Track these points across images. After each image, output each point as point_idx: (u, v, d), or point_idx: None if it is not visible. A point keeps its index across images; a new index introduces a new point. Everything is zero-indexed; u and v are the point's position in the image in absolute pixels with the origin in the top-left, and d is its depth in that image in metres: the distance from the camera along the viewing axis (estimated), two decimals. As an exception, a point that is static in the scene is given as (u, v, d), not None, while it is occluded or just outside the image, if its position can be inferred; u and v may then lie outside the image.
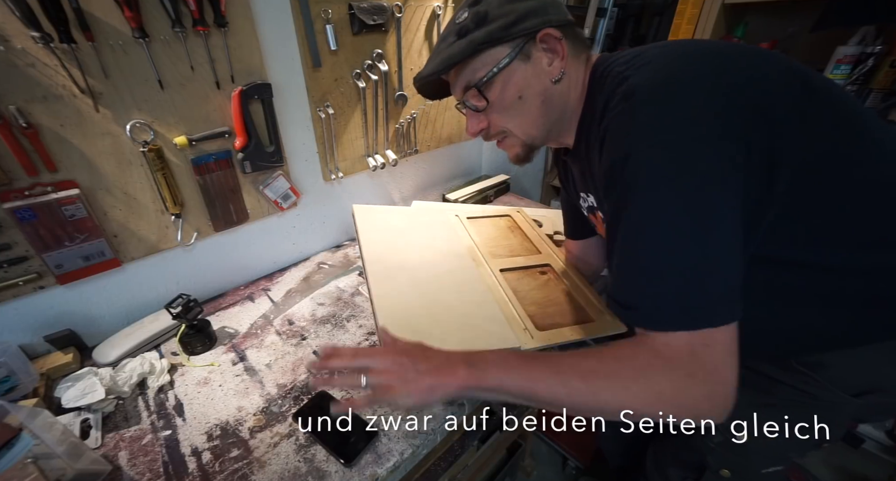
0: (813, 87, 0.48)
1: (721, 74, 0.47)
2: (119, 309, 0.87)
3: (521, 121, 0.62)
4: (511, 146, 0.67)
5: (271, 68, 0.88)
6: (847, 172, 0.48)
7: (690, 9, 1.11)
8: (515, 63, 0.57)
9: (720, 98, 0.45)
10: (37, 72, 0.65)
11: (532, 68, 0.57)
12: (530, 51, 0.57)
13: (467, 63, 0.58)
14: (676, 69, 0.47)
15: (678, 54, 0.50)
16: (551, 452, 1.43)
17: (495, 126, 0.64)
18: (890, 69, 0.95)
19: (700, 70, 0.47)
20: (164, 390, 0.75)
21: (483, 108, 0.61)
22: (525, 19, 0.55)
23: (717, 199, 0.44)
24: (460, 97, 0.63)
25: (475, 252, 0.92)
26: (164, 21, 0.72)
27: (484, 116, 0.63)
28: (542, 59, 0.57)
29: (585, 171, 0.65)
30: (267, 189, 0.98)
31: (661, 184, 0.45)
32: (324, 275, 1.07)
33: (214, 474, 0.61)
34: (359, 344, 0.83)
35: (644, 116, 0.46)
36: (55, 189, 0.71)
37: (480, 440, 1.06)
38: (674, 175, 0.44)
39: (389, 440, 0.64)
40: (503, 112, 0.61)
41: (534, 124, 0.62)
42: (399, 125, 1.17)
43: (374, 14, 0.96)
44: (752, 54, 0.50)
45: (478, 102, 0.61)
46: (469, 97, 0.62)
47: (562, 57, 0.57)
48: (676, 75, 0.47)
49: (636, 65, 0.50)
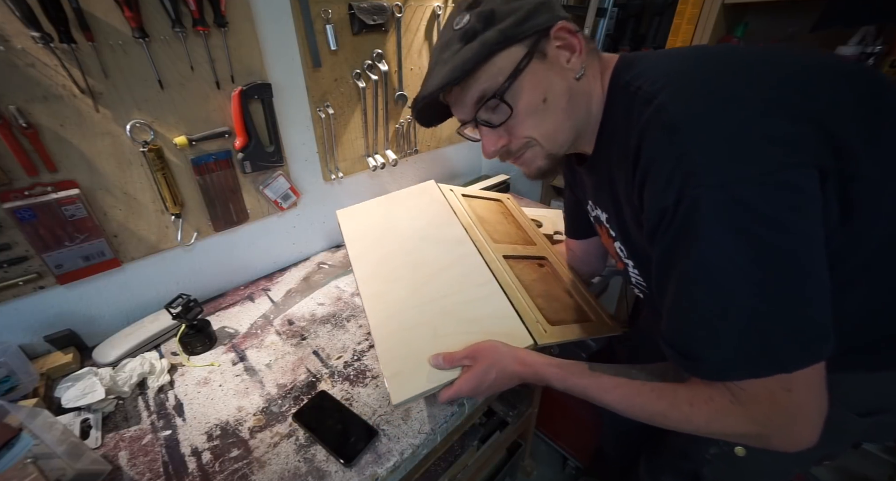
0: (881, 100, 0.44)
1: (764, 85, 0.43)
2: (119, 309, 0.87)
3: (547, 127, 0.55)
4: (533, 159, 0.59)
5: (271, 68, 0.88)
6: None
7: (690, 9, 1.11)
8: (534, 63, 0.51)
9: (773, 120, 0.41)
10: (37, 72, 0.65)
11: (552, 67, 0.52)
12: (546, 48, 0.52)
13: (479, 70, 0.52)
14: (712, 85, 0.44)
15: (705, 62, 0.46)
16: (551, 452, 1.43)
17: (518, 138, 0.56)
18: (890, 69, 0.95)
19: (742, 84, 0.43)
20: (164, 390, 0.75)
21: (500, 123, 0.55)
22: (537, 14, 0.51)
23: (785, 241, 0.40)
24: (471, 113, 0.56)
25: (476, 233, 0.82)
26: (164, 21, 0.72)
27: (503, 130, 0.56)
28: (560, 56, 0.52)
29: (602, 187, 0.61)
30: (267, 189, 0.98)
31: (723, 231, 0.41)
32: (324, 275, 1.07)
33: (214, 474, 0.61)
34: (358, 343, 0.83)
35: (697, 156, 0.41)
36: (55, 189, 0.71)
37: (480, 440, 1.07)
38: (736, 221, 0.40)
39: (389, 440, 0.64)
40: (527, 119, 0.54)
41: (561, 129, 0.56)
42: (399, 125, 1.17)
43: (374, 14, 0.96)
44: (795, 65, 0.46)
45: (495, 115, 0.55)
46: (484, 112, 0.55)
47: (579, 52, 0.52)
48: (716, 95, 0.43)
49: (663, 82, 0.46)
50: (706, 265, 0.43)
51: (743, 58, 0.48)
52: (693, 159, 0.41)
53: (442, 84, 0.52)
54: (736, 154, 0.40)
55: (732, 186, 0.40)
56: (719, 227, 0.41)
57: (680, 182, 0.42)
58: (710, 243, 0.42)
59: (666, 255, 0.46)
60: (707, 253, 0.42)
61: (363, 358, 0.80)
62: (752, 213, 0.40)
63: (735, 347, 0.43)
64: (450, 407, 0.69)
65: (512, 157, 0.60)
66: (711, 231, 0.41)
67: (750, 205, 0.40)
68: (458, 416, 0.71)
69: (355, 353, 0.81)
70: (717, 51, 0.49)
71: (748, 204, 0.40)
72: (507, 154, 0.60)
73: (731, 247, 0.41)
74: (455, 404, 0.70)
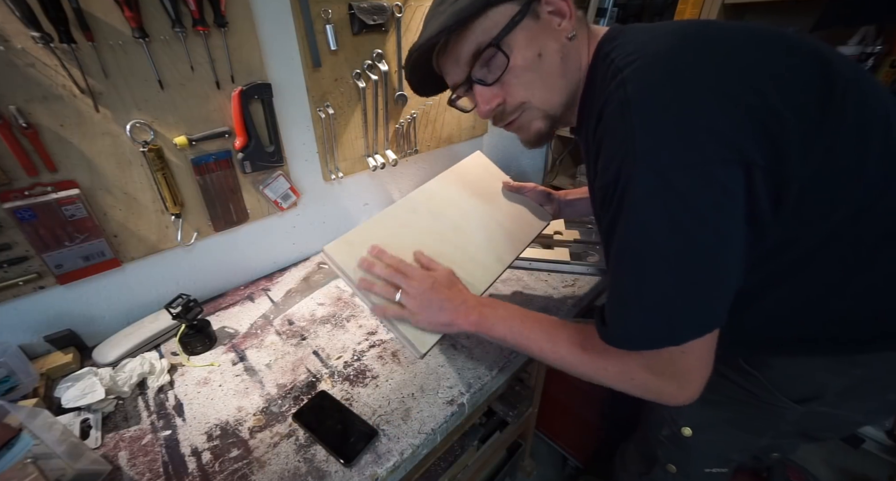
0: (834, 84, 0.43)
1: (725, 75, 0.42)
2: (119, 309, 0.87)
3: (542, 85, 0.55)
4: (530, 121, 0.59)
5: (271, 68, 0.88)
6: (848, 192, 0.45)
7: (690, 9, 1.11)
8: (528, 20, 0.52)
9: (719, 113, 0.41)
10: (37, 72, 0.65)
11: (544, 27, 0.53)
12: (538, 10, 0.53)
13: (474, 23, 0.52)
14: (674, 69, 0.43)
15: (680, 46, 0.45)
16: (551, 452, 1.43)
17: (513, 97, 0.56)
18: (890, 69, 0.96)
19: (702, 72, 0.43)
20: (163, 390, 0.75)
21: (495, 80, 0.54)
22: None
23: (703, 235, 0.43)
24: (465, 72, 0.56)
25: None
26: (164, 21, 0.72)
27: (498, 88, 0.56)
28: (552, 20, 0.54)
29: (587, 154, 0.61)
30: (267, 189, 0.98)
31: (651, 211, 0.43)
32: (324, 275, 1.07)
33: (214, 474, 0.61)
34: (358, 343, 0.83)
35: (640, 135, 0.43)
36: (55, 189, 0.71)
37: (480, 440, 1.07)
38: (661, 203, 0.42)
39: (389, 440, 0.64)
40: (522, 76, 0.54)
41: (555, 88, 0.56)
42: (399, 125, 1.17)
43: (374, 14, 0.96)
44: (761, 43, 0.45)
45: (490, 71, 0.55)
46: (479, 67, 0.55)
47: (570, 17, 0.54)
48: (675, 79, 0.43)
49: (634, 57, 0.47)
50: (630, 244, 0.46)
51: (714, 39, 0.46)
52: (636, 139, 0.42)
53: (439, 30, 0.52)
54: (677, 140, 0.41)
55: (667, 172, 0.42)
56: (648, 210, 0.43)
57: (620, 160, 0.44)
58: (637, 223, 0.44)
59: (606, 233, 0.50)
60: (633, 231, 0.45)
61: (363, 358, 0.80)
62: (681, 201, 0.42)
63: (641, 325, 0.48)
64: (450, 406, 0.69)
65: (507, 121, 0.60)
66: (639, 212, 0.44)
67: (680, 192, 0.42)
68: (458, 416, 0.71)
69: (355, 353, 0.81)
70: (695, 29, 0.48)
71: (679, 191, 0.42)
72: (502, 116, 0.59)
73: (655, 229, 0.43)
74: (455, 404, 0.70)
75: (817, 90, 0.43)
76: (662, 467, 0.78)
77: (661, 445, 0.77)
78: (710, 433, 0.70)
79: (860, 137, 0.44)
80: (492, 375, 0.75)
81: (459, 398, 0.71)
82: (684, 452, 0.75)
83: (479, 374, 0.75)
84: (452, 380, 0.74)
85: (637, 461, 0.87)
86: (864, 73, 0.48)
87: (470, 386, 0.73)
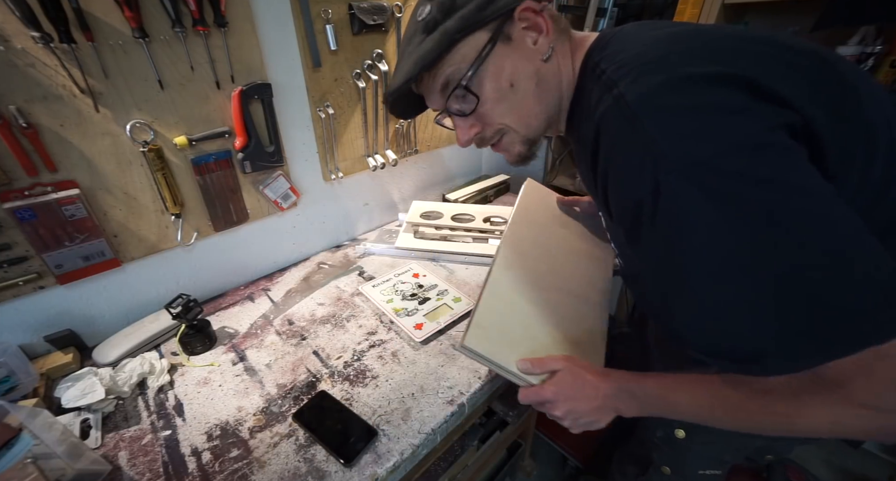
0: None
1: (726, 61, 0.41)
2: (119, 309, 0.87)
3: (518, 112, 0.55)
4: (510, 145, 0.59)
5: (271, 68, 0.88)
6: None
7: (690, 9, 1.11)
8: (499, 47, 0.50)
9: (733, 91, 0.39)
10: (37, 72, 0.65)
11: (518, 50, 0.51)
12: (511, 31, 0.50)
13: (443, 60, 0.51)
14: (670, 68, 0.41)
15: (668, 48, 0.44)
16: (551, 452, 1.43)
17: (490, 125, 0.56)
18: (890, 69, 0.95)
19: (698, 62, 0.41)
20: (163, 390, 0.75)
21: (471, 111, 0.54)
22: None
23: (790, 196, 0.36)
24: (441, 103, 0.56)
25: None
26: (164, 21, 0.72)
27: (474, 119, 0.56)
28: (525, 38, 0.51)
29: (582, 162, 0.60)
30: (267, 189, 0.98)
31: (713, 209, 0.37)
32: (324, 275, 1.07)
33: (214, 474, 0.61)
34: (358, 343, 0.83)
35: (661, 140, 0.39)
36: (55, 189, 0.71)
37: (480, 440, 1.07)
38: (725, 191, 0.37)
39: (389, 440, 0.64)
40: (496, 106, 0.53)
41: (532, 113, 0.55)
42: (399, 125, 1.17)
43: (374, 14, 0.96)
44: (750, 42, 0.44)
45: (464, 104, 0.54)
46: (453, 101, 0.54)
47: (546, 32, 0.51)
48: (674, 79, 0.41)
49: (627, 68, 0.44)
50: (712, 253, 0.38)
51: (712, 37, 0.45)
52: (657, 143, 0.39)
53: (405, 79, 0.52)
54: (704, 129, 0.38)
55: (714, 161, 0.37)
56: (708, 205, 0.37)
57: (652, 168, 0.39)
58: (707, 228, 0.38)
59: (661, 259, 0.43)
60: (708, 239, 0.38)
61: (363, 358, 0.80)
62: (742, 177, 0.37)
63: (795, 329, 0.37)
64: (449, 406, 0.69)
65: (488, 144, 0.60)
66: (700, 213, 0.38)
67: (737, 172, 0.37)
68: (458, 416, 0.71)
69: (355, 353, 0.81)
70: (687, 32, 0.46)
71: (736, 171, 0.37)
72: (482, 141, 0.59)
73: (730, 223, 0.37)
74: (455, 404, 0.70)
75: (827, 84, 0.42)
76: (657, 469, 0.78)
77: (656, 447, 0.77)
78: (703, 434, 0.69)
79: (868, 138, 0.42)
80: (492, 375, 0.75)
81: (459, 398, 0.71)
82: (678, 454, 0.74)
83: (479, 374, 0.75)
84: (452, 380, 0.74)
85: (632, 463, 0.87)
86: (865, 74, 0.47)
87: (470, 386, 0.73)
